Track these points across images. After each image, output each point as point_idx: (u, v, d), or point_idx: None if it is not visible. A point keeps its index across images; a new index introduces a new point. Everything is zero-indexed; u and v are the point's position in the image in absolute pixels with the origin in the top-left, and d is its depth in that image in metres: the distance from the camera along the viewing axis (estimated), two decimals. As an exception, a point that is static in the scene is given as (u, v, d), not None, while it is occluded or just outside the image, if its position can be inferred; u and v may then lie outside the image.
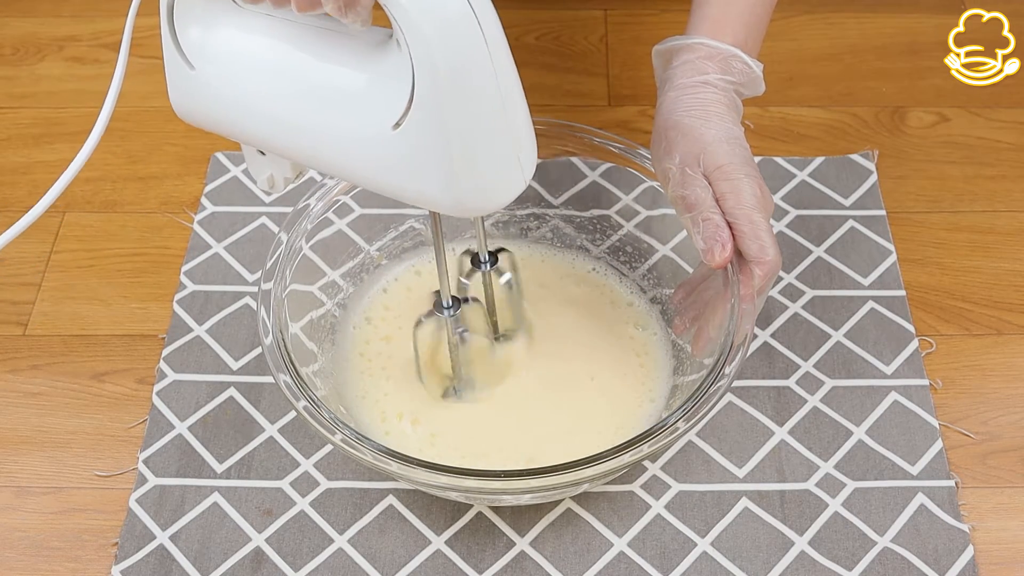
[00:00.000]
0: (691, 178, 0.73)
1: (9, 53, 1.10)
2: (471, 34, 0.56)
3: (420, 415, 0.79)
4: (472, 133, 0.59)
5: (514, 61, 0.59)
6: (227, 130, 0.68)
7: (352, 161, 0.63)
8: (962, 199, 0.96)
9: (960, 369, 0.85)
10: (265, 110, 0.65)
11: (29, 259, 0.92)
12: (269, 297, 0.76)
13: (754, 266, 0.72)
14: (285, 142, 0.65)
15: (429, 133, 0.59)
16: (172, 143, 1.01)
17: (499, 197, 0.63)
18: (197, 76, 0.66)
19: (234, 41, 0.65)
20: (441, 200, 0.62)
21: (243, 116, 0.66)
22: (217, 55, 0.65)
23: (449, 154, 0.59)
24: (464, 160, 0.59)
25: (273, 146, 0.67)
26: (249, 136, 0.67)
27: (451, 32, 0.56)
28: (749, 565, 0.74)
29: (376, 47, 0.60)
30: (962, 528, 0.76)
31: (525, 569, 0.74)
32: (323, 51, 0.62)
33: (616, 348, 0.82)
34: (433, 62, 0.56)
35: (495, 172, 0.61)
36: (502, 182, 0.62)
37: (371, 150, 0.61)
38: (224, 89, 0.66)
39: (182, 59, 0.66)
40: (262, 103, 0.65)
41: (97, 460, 0.80)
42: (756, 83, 0.79)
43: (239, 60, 0.65)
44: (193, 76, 0.66)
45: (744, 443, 0.80)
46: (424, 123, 0.58)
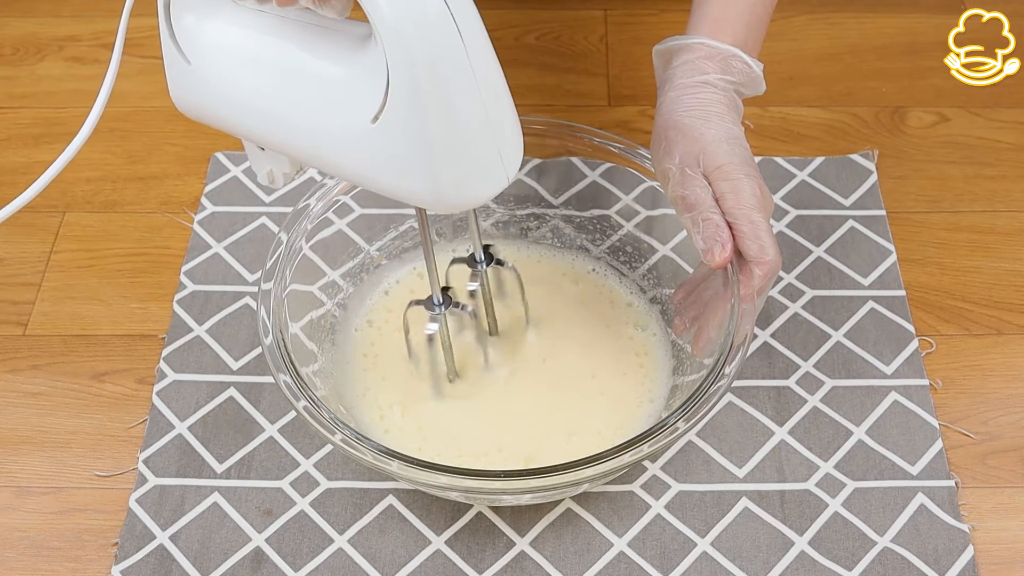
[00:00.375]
0: (691, 178, 0.73)
1: (9, 53, 1.10)
2: (445, 30, 0.57)
3: (420, 415, 0.79)
4: (449, 128, 0.59)
5: (499, 59, 0.60)
6: (223, 125, 0.68)
7: (336, 154, 0.64)
8: (962, 199, 0.96)
9: (960, 369, 0.85)
10: (256, 105, 0.65)
11: (29, 259, 0.92)
12: (269, 297, 0.76)
13: (754, 266, 0.72)
14: (276, 136, 0.66)
15: (405, 127, 0.59)
16: (172, 143, 1.01)
17: (480, 193, 0.63)
18: (194, 71, 0.66)
19: (225, 36, 0.65)
20: (421, 195, 0.62)
21: (237, 111, 0.67)
22: (211, 50, 0.66)
23: (426, 148, 0.59)
24: (442, 155, 0.60)
25: (265, 140, 0.68)
26: (244, 131, 0.68)
27: (423, 27, 0.57)
28: (749, 565, 0.74)
29: (359, 41, 0.61)
30: (962, 528, 0.76)
31: (525, 569, 0.75)
32: (309, 45, 0.63)
33: (616, 348, 0.82)
34: (405, 56, 0.57)
35: (475, 168, 0.62)
36: (483, 178, 0.62)
37: (353, 143, 0.62)
38: (218, 84, 0.66)
39: (179, 55, 0.66)
40: (253, 98, 0.65)
41: (97, 460, 0.80)
42: (756, 83, 0.79)
43: (231, 55, 0.66)
44: (190, 71, 0.67)
45: (744, 443, 0.80)
46: (400, 117, 0.59)
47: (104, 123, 1.02)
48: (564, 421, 0.78)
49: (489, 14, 1.08)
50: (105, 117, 1.01)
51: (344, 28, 0.62)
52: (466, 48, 0.58)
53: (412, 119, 0.59)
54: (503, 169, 0.62)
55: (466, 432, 0.78)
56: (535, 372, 0.81)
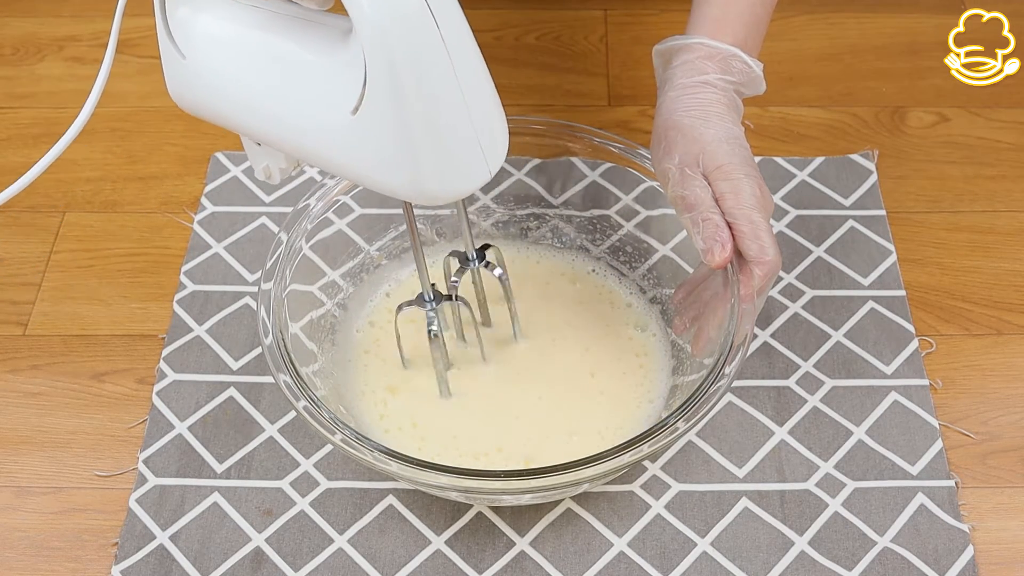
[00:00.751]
0: (690, 178, 0.73)
1: (9, 53, 1.10)
2: (422, 23, 0.57)
3: (420, 415, 0.79)
4: (427, 121, 0.60)
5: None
6: (218, 118, 0.69)
7: (321, 147, 0.64)
8: (962, 199, 0.96)
9: (960, 369, 0.85)
10: (247, 98, 0.66)
11: (29, 259, 0.92)
12: (269, 297, 0.76)
13: (754, 266, 0.72)
14: (266, 130, 0.66)
15: (383, 119, 0.60)
16: (172, 143, 1.01)
17: (461, 186, 0.63)
18: (188, 65, 0.67)
19: (216, 29, 0.66)
20: (402, 187, 0.62)
21: (230, 104, 0.67)
22: (203, 43, 0.66)
23: (405, 140, 0.60)
24: (422, 147, 0.60)
25: (257, 134, 0.68)
26: (237, 124, 0.68)
27: (399, 20, 0.57)
28: (749, 565, 0.74)
29: (343, 34, 0.62)
30: (962, 528, 0.76)
31: (525, 569, 0.75)
32: (295, 38, 0.63)
33: (616, 348, 0.82)
34: (380, 47, 0.57)
35: (455, 161, 0.62)
36: (464, 171, 0.62)
37: (335, 136, 0.62)
38: (211, 77, 0.67)
39: (174, 49, 0.67)
40: (244, 91, 0.66)
41: (97, 460, 0.80)
42: (756, 82, 0.79)
43: (221, 48, 0.66)
44: (185, 65, 0.67)
45: (744, 443, 0.80)
46: (377, 108, 0.59)
47: (104, 123, 1.02)
48: (564, 421, 0.78)
49: (489, 14, 1.09)
50: (105, 117, 1.03)
51: (329, 21, 0.62)
52: (444, 41, 0.58)
53: (389, 111, 0.59)
54: (484, 162, 0.63)
55: (466, 432, 0.78)
56: (535, 372, 0.81)
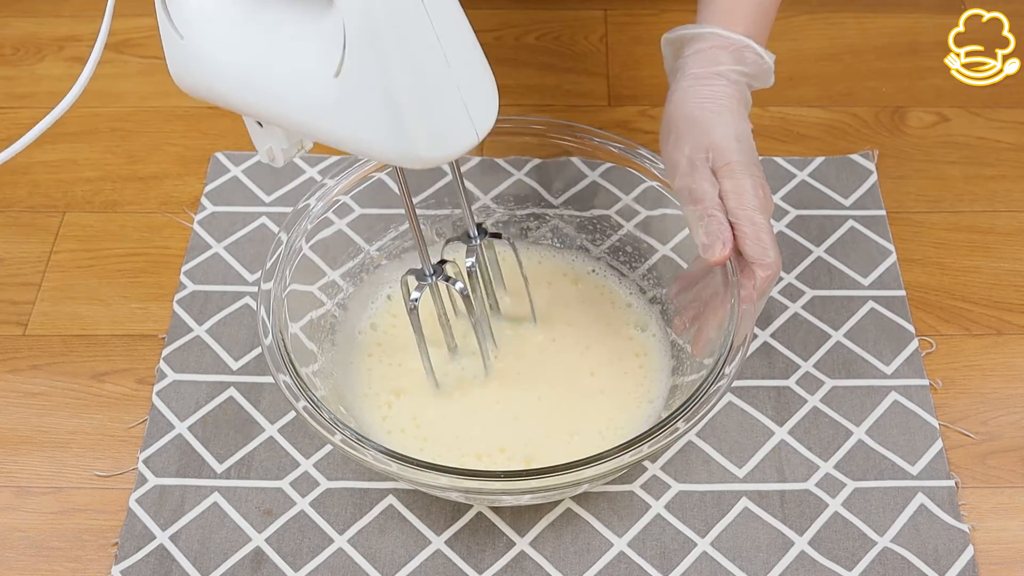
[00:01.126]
0: (699, 171, 0.73)
1: (9, 53, 1.10)
2: None
3: (421, 416, 0.79)
4: (407, 80, 0.60)
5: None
6: (217, 98, 0.69)
7: (310, 115, 0.64)
8: (962, 199, 0.96)
9: (960, 369, 0.85)
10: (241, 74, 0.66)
11: (29, 259, 0.92)
12: (269, 297, 0.76)
13: (755, 268, 0.72)
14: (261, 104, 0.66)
15: (366, 80, 0.60)
16: (172, 143, 1.01)
17: (447, 148, 0.63)
18: (186, 46, 0.67)
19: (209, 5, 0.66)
20: (388, 150, 0.62)
21: (227, 82, 0.67)
22: (198, 21, 0.66)
23: (387, 101, 0.60)
24: (405, 108, 0.60)
25: (253, 110, 0.68)
26: (235, 102, 0.68)
27: None
28: (749, 565, 0.74)
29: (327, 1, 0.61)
30: (962, 528, 0.76)
31: (525, 569, 0.75)
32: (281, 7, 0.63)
33: (616, 348, 0.82)
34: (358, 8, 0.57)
35: (440, 123, 0.62)
36: (449, 133, 0.62)
37: (321, 100, 0.62)
38: (207, 56, 0.67)
39: (173, 29, 0.67)
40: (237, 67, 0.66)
41: (97, 460, 0.80)
42: (767, 75, 0.79)
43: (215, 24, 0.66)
44: (183, 46, 0.67)
45: (744, 443, 0.80)
46: (359, 70, 0.59)
47: (104, 123, 1.02)
48: (564, 421, 0.78)
49: (489, 14, 1.09)
50: (105, 117, 1.03)
51: None
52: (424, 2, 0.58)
53: (370, 71, 0.59)
54: (471, 124, 0.63)
55: (467, 432, 0.78)
56: (535, 372, 0.81)
